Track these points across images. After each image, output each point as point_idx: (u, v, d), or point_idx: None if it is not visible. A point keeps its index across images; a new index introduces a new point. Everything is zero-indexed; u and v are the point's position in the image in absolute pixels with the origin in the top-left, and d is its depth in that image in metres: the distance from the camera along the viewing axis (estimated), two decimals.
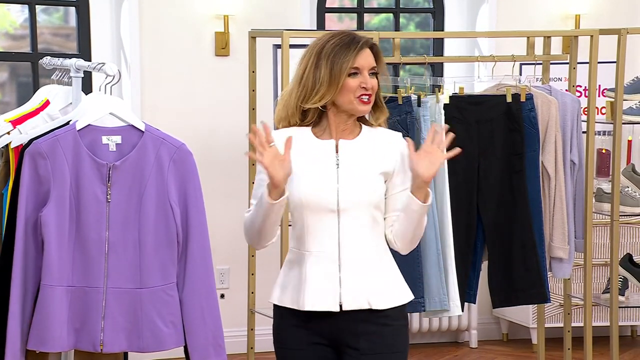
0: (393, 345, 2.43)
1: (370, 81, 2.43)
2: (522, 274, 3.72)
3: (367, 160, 2.45)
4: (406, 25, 5.22)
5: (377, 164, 2.45)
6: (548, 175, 3.78)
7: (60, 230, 2.77)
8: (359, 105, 2.43)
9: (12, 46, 4.76)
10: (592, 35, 3.91)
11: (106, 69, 2.98)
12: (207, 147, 4.65)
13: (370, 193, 2.42)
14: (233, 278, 4.78)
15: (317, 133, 2.48)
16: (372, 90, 2.44)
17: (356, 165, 2.44)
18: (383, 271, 2.45)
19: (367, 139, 2.48)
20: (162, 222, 2.81)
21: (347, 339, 2.43)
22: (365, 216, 2.42)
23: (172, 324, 2.81)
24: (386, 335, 2.42)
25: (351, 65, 2.42)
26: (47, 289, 2.77)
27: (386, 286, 2.44)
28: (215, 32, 4.69)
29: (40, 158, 2.78)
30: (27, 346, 2.78)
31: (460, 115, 3.68)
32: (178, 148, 2.85)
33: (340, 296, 2.41)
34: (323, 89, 2.43)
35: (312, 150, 2.46)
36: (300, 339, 2.44)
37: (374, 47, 2.49)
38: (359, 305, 2.41)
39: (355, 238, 2.42)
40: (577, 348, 4.22)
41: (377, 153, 2.46)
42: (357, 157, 2.45)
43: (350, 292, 2.41)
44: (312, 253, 2.42)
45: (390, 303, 2.43)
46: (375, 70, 2.46)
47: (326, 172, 2.43)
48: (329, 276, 2.41)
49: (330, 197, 2.41)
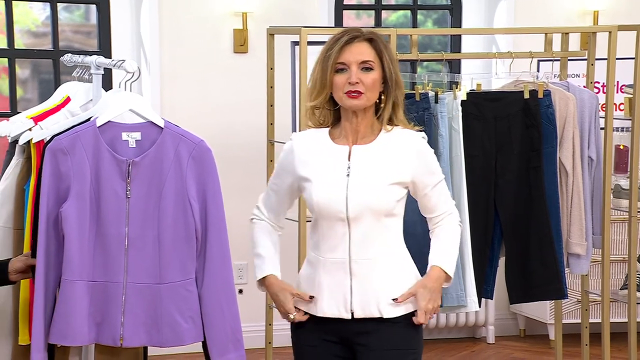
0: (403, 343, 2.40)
1: (356, 75, 2.34)
2: (540, 270, 3.70)
3: (379, 168, 2.38)
4: (424, 22, 5.19)
5: (390, 173, 2.38)
6: (566, 171, 3.75)
7: (81, 226, 2.78)
8: (347, 101, 2.35)
9: (34, 44, 4.77)
10: (611, 32, 3.87)
11: (126, 66, 2.97)
12: (226, 144, 4.65)
13: (379, 202, 2.36)
14: (251, 274, 4.78)
15: (334, 135, 2.43)
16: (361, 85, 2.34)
17: (367, 174, 2.38)
18: (395, 278, 2.40)
19: (383, 144, 2.40)
20: (181, 218, 2.81)
21: (358, 338, 2.42)
22: (375, 224, 2.37)
23: (191, 319, 2.81)
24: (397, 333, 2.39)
25: (335, 61, 2.36)
26: (68, 283, 2.78)
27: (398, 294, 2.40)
28: (234, 30, 4.69)
29: (61, 154, 2.79)
30: (49, 340, 2.79)
31: (478, 111, 3.65)
32: (197, 144, 2.84)
33: (352, 304, 2.39)
34: (317, 87, 2.40)
35: (326, 156, 2.41)
36: (313, 337, 2.45)
37: (372, 40, 2.38)
38: (370, 314, 2.39)
39: (365, 246, 2.38)
40: (594, 344, 4.19)
41: (391, 160, 2.38)
42: (368, 164, 2.38)
43: (361, 300, 2.39)
44: (326, 260, 2.41)
45: (401, 311, 2.40)
46: (369, 65, 2.36)
47: (337, 179, 2.39)
48: (340, 284, 2.40)
49: (339, 205, 2.38)
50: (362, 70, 2.36)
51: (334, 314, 2.41)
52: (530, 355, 4.77)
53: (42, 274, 2.79)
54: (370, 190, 2.36)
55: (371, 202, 2.36)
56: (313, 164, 2.41)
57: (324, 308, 2.41)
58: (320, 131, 2.44)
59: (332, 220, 2.39)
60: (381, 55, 2.38)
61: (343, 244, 2.39)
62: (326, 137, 2.43)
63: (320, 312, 2.42)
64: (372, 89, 2.37)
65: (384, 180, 2.37)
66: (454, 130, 3.59)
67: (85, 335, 2.79)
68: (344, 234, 2.38)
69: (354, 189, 2.37)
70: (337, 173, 2.39)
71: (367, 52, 2.36)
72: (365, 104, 2.38)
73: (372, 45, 2.38)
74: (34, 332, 2.76)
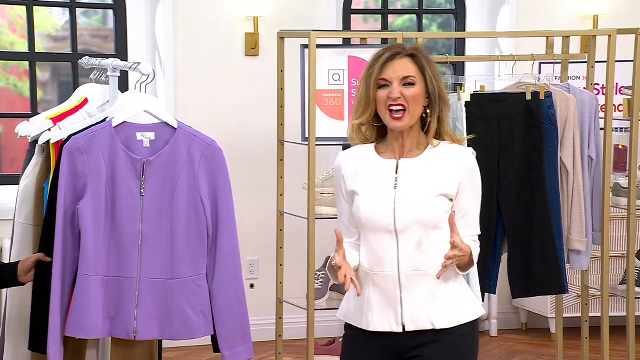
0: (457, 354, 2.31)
1: (397, 90, 2.28)
2: (541, 266, 3.68)
3: (426, 181, 2.31)
4: (429, 26, 5.18)
5: (437, 185, 2.30)
6: (566, 170, 3.74)
7: (96, 223, 2.78)
8: (391, 122, 2.30)
9: (53, 47, 4.78)
10: (610, 35, 3.85)
11: (141, 68, 2.98)
12: (237, 143, 4.65)
13: (426, 215, 2.29)
14: (262, 269, 4.78)
15: (380, 150, 2.37)
16: (403, 99, 2.28)
17: (414, 186, 2.31)
18: (446, 290, 2.32)
19: (430, 157, 2.32)
20: (193, 215, 2.81)
21: (410, 352, 2.34)
22: (423, 237, 2.29)
23: (202, 314, 2.81)
24: (450, 344, 2.31)
25: (378, 77, 2.30)
26: (84, 278, 2.78)
27: (449, 305, 2.32)
28: (246, 33, 4.68)
29: (79, 153, 2.79)
30: (65, 333, 2.79)
31: (481, 112, 3.64)
32: (209, 145, 2.84)
33: (402, 317, 2.32)
34: (362, 105, 2.33)
35: (373, 170, 2.35)
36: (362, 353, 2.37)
37: (414, 56, 2.31)
38: (422, 326, 2.32)
39: (414, 259, 2.30)
40: (594, 337, 4.17)
41: (438, 172, 2.31)
42: (416, 177, 2.31)
43: (412, 314, 2.31)
44: (376, 274, 2.33)
45: (455, 321, 2.32)
46: (411, 80, 2.29)
47: (384, 192, 2.32)
48: (390, 297, 2.32)
49: (387, 218, 2.30)
50: (404, 86, 2.31)
51: (384, 328, 2.31)
52: (532, 348, 4.76)
53: (59, 268, 2.79)
54: (417, 202, 2.30)
55: (419, 213, 2.29)
56: (361, 178, 2.35)
57: (375, 322, 2.32)
58: (366, 147, 2.38)
59: (380, 233, 2.31)
60: (423, 70, 2.32)
61: (392, 257, 2.31)
62: (372, 152, 2.37)
63: (372, 327, 2.33)
64: (414, 102, 2.30)
65: (431, 192, 2.30)
66: (458, 130, 3.58)
67: (99, 329, 2.79)
68: (392, 247, 2.31)
69: (401, 201, 2.30)
70: (385, 186, 2.33)
71: (409, 67, 2.31)
72: (410, 123, 2.31)
73: (414, 60, 2.32)
74: (50, 325, 2.77)
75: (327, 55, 3.78)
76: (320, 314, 4.00)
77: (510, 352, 4.71)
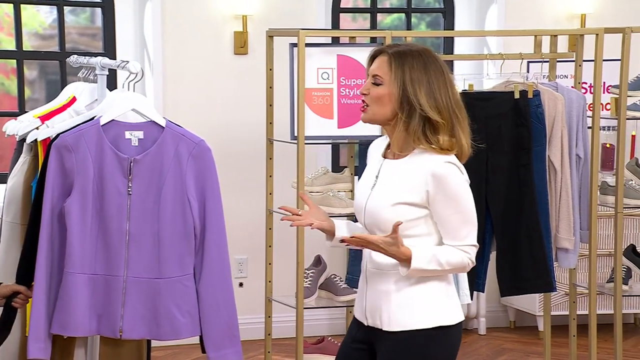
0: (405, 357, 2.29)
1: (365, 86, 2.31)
2: (529, 264, 3.69)
3: (393, 187, 2.30)
4: (417, 25, 5.18)
5: (400, 192, 2.29)
6: (554, 169, 3.74)
7: (83, 221, 2.77)
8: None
9: (41, 45, 4.76)
10: (598, 34, 3.86)
11: (130, 66, 2.96)
12: (226, 142, 4.64)
13: (384, 219, 2.28)
14: (251, 267, 4.77)
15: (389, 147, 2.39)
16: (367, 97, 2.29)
17: (383, 190, 2.32)
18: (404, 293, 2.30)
19: (407, 163, 2.31)
20: (179, 215, 2.79)
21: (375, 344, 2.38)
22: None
23: (188, 314, 2.79)
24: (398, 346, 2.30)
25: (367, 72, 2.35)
26: (70, 275, 2.77)
27: (402, 309, 2.29)
28: (234, 32, 4.67)
29: (66, 151, 2.78)
30: (51, 330, 2.78)
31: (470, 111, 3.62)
32: (197, 144, 2.83)
33: (365, 310, 2.39)
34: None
35: (370, 165, 2.41)
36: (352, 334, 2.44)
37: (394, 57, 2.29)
38: (373, 324, 2.36)
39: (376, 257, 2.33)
40: (581, 335, 4.18)
41: (405, 180, 2.29)
42: (390, 181, 2.32)
43: (370, 309, 2.36)
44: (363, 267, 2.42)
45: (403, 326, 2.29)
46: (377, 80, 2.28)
47: (365, 190, 2.37)
48: (361, 290, 2.41)
49: (360, 215, 2.38)
50: (373, 84, 2.31)
51: (358, 317, 2.42)
52: (520, 346, 4.77)
53: (44, 266, 2.78)
54: (378, 206, 2.31)
55: (377, 217, 2.31)
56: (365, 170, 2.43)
57: (355, 309, 2.44)
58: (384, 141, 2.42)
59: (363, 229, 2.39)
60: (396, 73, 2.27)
61: (365, 251, 2.37)
62: (384, 147, 2.41)
63: (353, 312, 2.46)
64: (375, 102, 2.29)
65: (392, 199, 2.29)
66: None
67: (86, 327, 2.78)
68: None
69: (370, 202, 2.34)
70: (367, 184, 2.38)
71: (381, 67, 2.29)
72: (371, 118, 2.31)
73: (390, 62, 2.29)
74: (32, 322, 2.75)
75: (316, 54, 3.77)
76: (309, 313, 3.99)
77: (499, 350, 4.72)
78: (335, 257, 4.62)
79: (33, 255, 2.80)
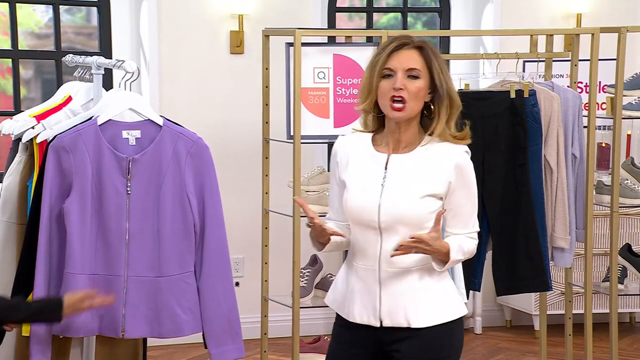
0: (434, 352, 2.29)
1: (401, 81, 2.22)
2: (525, 263, 3.69)
3: (413, 180, 2.26)
4: (414, 24, 5.18)
5: (424, 185, 2.25)
6: (550, 168, 3.75)
7: (82, 221, 2.77)
8: (390, 112, 2.24)
9: (37, 45, 4.75)
10: (593, 34, 3.87)
11: (126, 66, 2.96)
12: (223, 141, 4.63)
13: (410, 216, 2.24)
14: (247, 267, 4.77)
15: (376, 142, 2.32)
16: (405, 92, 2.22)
17: (401, 184, 2.26)
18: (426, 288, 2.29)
19: (422, 154, 2.27)
20: (179, 213, 2.80)
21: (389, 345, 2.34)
22: (408, 235, 2.24)
23: (190, 311, 2.80)
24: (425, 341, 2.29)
25: (383, 67, 2.24)
26: (70, 276, 2.77)
27: (428, 304, 2.29)
28: (230, 31, 4.67)
29: (64, 152, 2.78)
30: (53, 332, 2.78)
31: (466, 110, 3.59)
32: (195, 142, 2.83)
33: (380, 313, 2.30)
34: (365, 92, 2.28)
35: (365, 162, 2.31)
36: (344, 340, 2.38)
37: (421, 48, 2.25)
38: (398, 323, 2.30)
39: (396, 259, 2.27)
40: (577, 334, 4.19)
41: (427, 171, 2.25)
42: (404, 175, 2.27)
43: (389, 310, 2.30)
44: (359, 267, 2.32)
45: (432, 321, 2.29)
46: (415, 73, 2.23)
47: (372, 187, 2.28)
48: (370, 292, 2.31)
49: (372, 214, 2.27)
50: (408, 78, 2.25)
51: (363, 321, 2.32)
52: (516, 345, 4.77)
53: (43, 267, 2.77)
54: (402, 202, 2.25)
55: (403, 214, 2.25)
56: (352, 169, 2.32)
57: (354, 314, 2.33)
58: (363, 136, 2.33)
59: (364, 229, 2.29)
60: (430, 64, 2.25)
61: (374, 253, 2.28)
62: (368, 142, 2.32)
63: (351, 318, 2.33)
64: (415, 97, 2.24)
65: (417, 192, 2.25)
66: None
67: (88, 327, 2.78)
68: (376, 243, 2.28)
69: (387, 199, 2.26)
70: (373, 181, 2.29)
71: (415, 59, 2.24)
72: (409, 115, 2.25)
73: (421, 53, 2.26)
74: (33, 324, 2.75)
75: (312, 53, 3.77)
76: (305, 312, 3.99)
77: (495, 349, 4.72)
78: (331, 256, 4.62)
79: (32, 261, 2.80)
